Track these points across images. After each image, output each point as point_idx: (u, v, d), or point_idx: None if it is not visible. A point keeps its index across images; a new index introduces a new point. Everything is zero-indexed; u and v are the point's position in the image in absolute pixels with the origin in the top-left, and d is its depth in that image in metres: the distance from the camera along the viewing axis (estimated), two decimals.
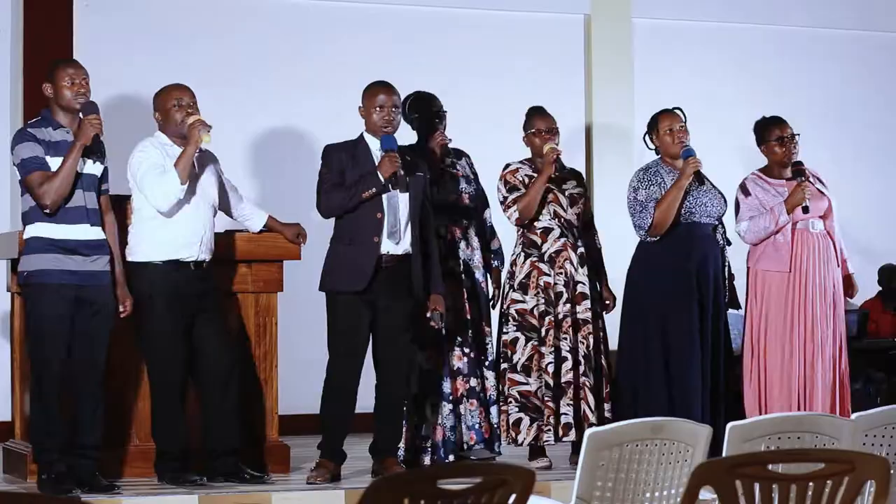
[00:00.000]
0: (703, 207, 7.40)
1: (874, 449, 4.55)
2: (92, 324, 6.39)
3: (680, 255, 7.36)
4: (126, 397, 6.87)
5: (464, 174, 7.36)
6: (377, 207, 6.71)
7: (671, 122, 7.46)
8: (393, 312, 6.72)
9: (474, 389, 7.17)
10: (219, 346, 6.66)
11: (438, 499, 3.26)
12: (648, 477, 4.21)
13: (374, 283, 6.67)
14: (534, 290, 7.29)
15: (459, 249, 7.25)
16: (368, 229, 6.69)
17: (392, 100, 6.83)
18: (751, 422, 4.39)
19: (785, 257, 7.46)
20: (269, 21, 9.58)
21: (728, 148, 9.47)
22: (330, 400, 6.74)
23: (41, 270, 6.34)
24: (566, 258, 7.33)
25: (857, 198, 10.40)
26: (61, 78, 6.44)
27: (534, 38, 10.10)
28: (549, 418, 7.19)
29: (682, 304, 7.30)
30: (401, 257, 6.74)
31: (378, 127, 6.80)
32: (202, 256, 6.65)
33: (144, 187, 6.55)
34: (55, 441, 6.34)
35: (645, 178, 7.43)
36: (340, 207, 6.73)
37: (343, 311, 6.69)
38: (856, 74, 10.88)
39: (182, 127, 6.62)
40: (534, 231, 7.37)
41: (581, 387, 7.24)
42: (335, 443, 6.76)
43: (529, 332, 7.27)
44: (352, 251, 6.70)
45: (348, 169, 6.75)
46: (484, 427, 7.19)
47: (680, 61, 10.38)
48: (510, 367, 7.27)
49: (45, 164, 6.35)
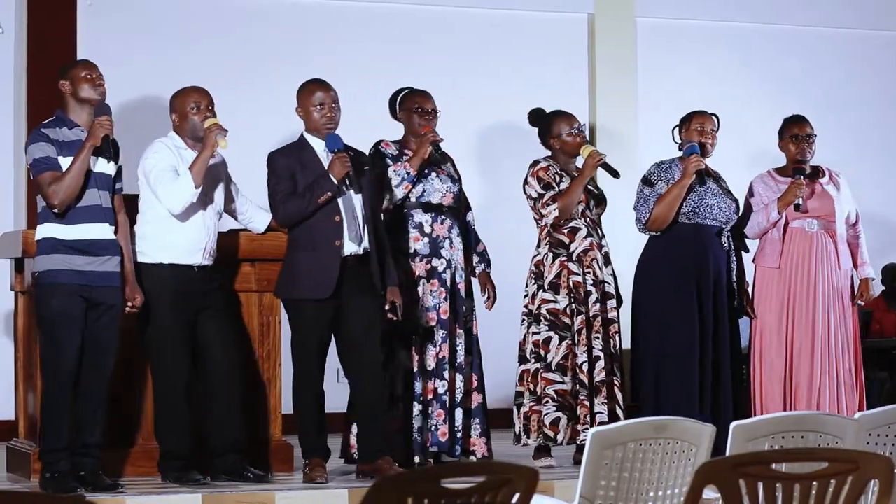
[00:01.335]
0: (709, 209, 7.41)
1: (878, 448, 4.55)
2: (101, 324, 6.39)
3: (680, 255, 7.38)
4: (130, 396, 6.87)
5: (448, 174, 7.32)
6: (334, 211, 6.65)
7: (704, 122, 7.49)
8: (360, 312, 6.67)
9: (437, 391, 7.12)
10: (223, 344, 6.66)
11: (442, 498, 3.26)
12: (652, 476, 4.21)
13: (339, 285, 6.64)
14: (565, 290, 7.29)
15: (442, 249, 7.20)
16: (329, 234, 6.64)
17: (331, 96, 6.74)
18: (754, 421, 4.39)
19: (775, 254, 7.50)
20: (272, 21, 9.59)
21: (732, 147, 9.45)
22: (307, 401, 6.69)
23: (52, 271, 6.34)
24: (593, 258, 7.34)
25: (861, 197, 10.37)
26: (79, 72, 6.46)
27: (537, 38, 10.10)
28: (585, 417, 7.22)
29: (681, 303, 7.31)
30: (361, 255, 6.71)
31: (321, 125, 6.72)
32: (205, 262, 6.66)
33: (158, 189, 6.54)
34: (61, 440, 6.34)
35: (656, 172, 7.49)
36: (298, 215, 6.65)
37: (311, 316, 6.63)
38: (859, 73, 10.87)
39: (201, 130, 6.62)
40: (561, 231, 7.37)
41: (611, 385, 7.28)
42: (322, 440, 6.74)
43: (563, 332, 7.27)
44: (315, 257, 6.63)
45: (297, 173, 6.68)
46: (440, 430, 7.13)
47: (683, 60, 10.39)
48: (544, 366, 7.27)
49: (56, 164, 6.36)
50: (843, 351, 7.53)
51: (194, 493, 6.32)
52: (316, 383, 6.70)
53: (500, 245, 8.29)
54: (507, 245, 8.55)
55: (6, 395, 8.07)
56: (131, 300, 6.50)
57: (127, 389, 6.84)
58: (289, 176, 6.70)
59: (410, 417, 7.06)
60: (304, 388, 6.70)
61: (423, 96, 7.30)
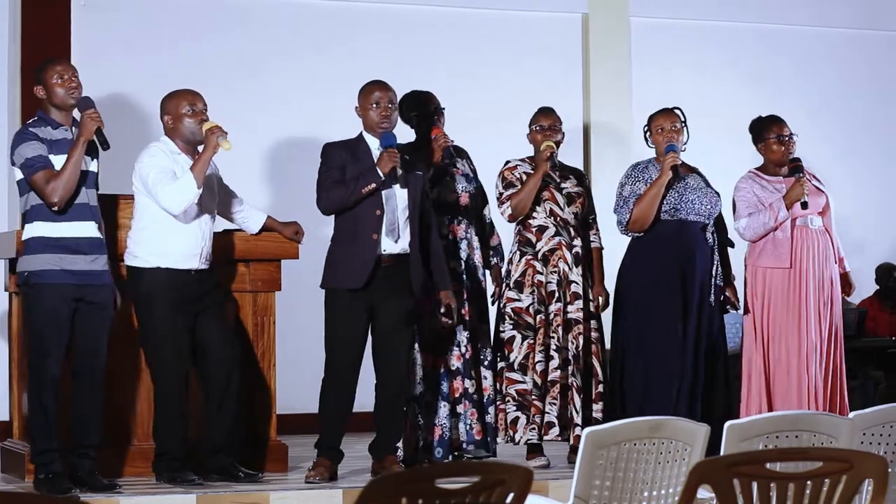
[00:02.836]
0: (690, 205, 7.39)
1: (872, 447, 4.55)
2: (91, 323, 6.38)
3: (664, 252, 7.36)
4: (125, 397, 6.87)
5: (463, 172, 7.36)
6: (376, 204, 6.71)
7: (663, 122, 7.48)
8: (391, 311, 6.72)
9: (467, 391, 7.16)
10: (220, 344, 6.66)
11: (436, 498, 3.26)
12: (646, 476, 4.21)
13: (373, 282, 6.68)
14: (529, 289, 7.29)
15: (461, 249, 7.25)
16: (368, 226, 6.70)
17: (388, 96, 6.84)
18: (748, 420, 4.39)
19: (785, 254, 7.48)
20: (269, 21, 9.58)
21: (725, 146, 9.47)
22: (329, 394, 6.74)
23: (41, 271, 6.33)
24: (560, 257, 7.33)
25: (856, 196, 10.41)
26: (50, 77, 6.42)
27: (532, 37, 10.10)
28: (534, 416, 7.20)
29: (664, 302, 7.29)
30: (399, 256, 6.74)
31: (376, 124, 6.81)
32: (202, 266, 6.65)
33: (157, 191, 6.53)
34: (53, 441, 6.33)
35: (633, 174, 7.49)
36: (341, 203, 6.73)
37: (341, 306, 6.69)
38: (852, 73, 10.88)
39: (197, 133, 6.61)
40: (529, 229, 7.38)
41: (569, 387, 7.23)
42: (333, 440, 6.76)
43: (525, 331, 7.27)
44: (351, 249, 6.70)
45: (348, 166, 6.76)
46: (475, 429, 7.17)
47: (677, 60, 10.39)
48: (507, 365, 7.27)
49: (48, 162, 6.34)
50: (834, 348, 7.54)
51: (188, 494, 6.32)
52: (342, 380, 6.69)
53: None
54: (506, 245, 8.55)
55: (1, 396, 8.07)
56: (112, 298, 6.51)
57: (122, 390, 6.84)
58: (338, 166, 6.78)
59: (433, 417, 7.09)
60: (328, 384, 6.74)
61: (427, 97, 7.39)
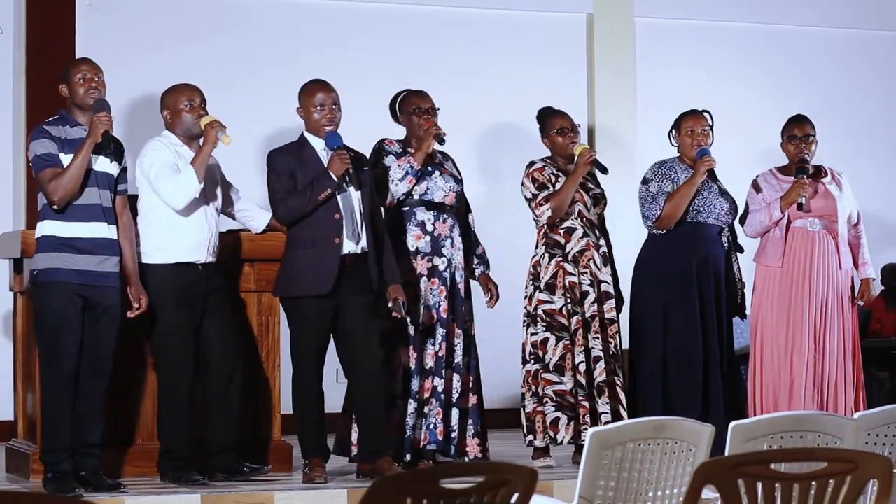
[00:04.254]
0: (712, 208, 7.43)
1: (877, 448, 4.55)
2: (99, 324, 6.39)
3: (683, 253, 7.38)
4: (130, 396, 6.87)
5: (451, 173, 7.33)
6: (334, 208, 6.68)
7: (693, 124, 7.50)
8: (358, 311, 6.69)
9: (436, 389, 7.12)
10: (225, 343, 6.66)
11: (441, 498, 3.26)
12: (651, 476, 4.21)
13: (338, 284, 6.66)
14: (561, 290, 7.30)
15: (444, 248, 7.20)
16: (329, 231, 6.66)
17: (331, 97, 6.79)
18: (753, 421, 4.39)
19: (777, 253, 7.51)
20: (272, 21, 9.59)
21: (731, 147, 9.46)
22: (306, 395, 6.70)
23: (50, 269, 6.34)
24: (590, 258, 7.34)
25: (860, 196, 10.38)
26: (74, 76, 6.47)
27: (536, 37, 10.10)
28: (584, 417, 7.21)
29: (682, 302, 7.32)
30: (359, 255, 6.73)
31: (320, 126, 6.76)
32: (209, 259, 6.66)
33: (160, 186, 6.54)
34: (63, 440, 6.34)
35: (659, 171, 7.50)
36: (299, 212, 6.68)
37: (310, 312, 6.66)
38: (858, 73, 10.87)
39: (194, 127, 6.62)
40: (556, 231, 7.37)
41: (613, 385, 7.29)
42: (321, 439, 6.75)
43: (560, 332, 7.28)
44: (314, 254, 6.66)
45: (297, 171, 6.71)
46: (439, 429, 7.13)
47: (682, 60, 10.39)
48: (543, 367, 7.28)
49: (57, 160, 6.36)
50: (843, 351, 7.53)
51: (193, 494, 6.32)
52: (315, 383, 6.71)
53: (500, 246, 8.30)
54: (507, 245, 8.56)
55: (5, 396, 8.07)
56: (137, 301, 6.49)
57: (126, 389, 6.84)
58: (289, 174, 6.72)
59: (405, 415, 7.06)
60: (303, 388, 6.71)
61: (420, 96, 7.30)
